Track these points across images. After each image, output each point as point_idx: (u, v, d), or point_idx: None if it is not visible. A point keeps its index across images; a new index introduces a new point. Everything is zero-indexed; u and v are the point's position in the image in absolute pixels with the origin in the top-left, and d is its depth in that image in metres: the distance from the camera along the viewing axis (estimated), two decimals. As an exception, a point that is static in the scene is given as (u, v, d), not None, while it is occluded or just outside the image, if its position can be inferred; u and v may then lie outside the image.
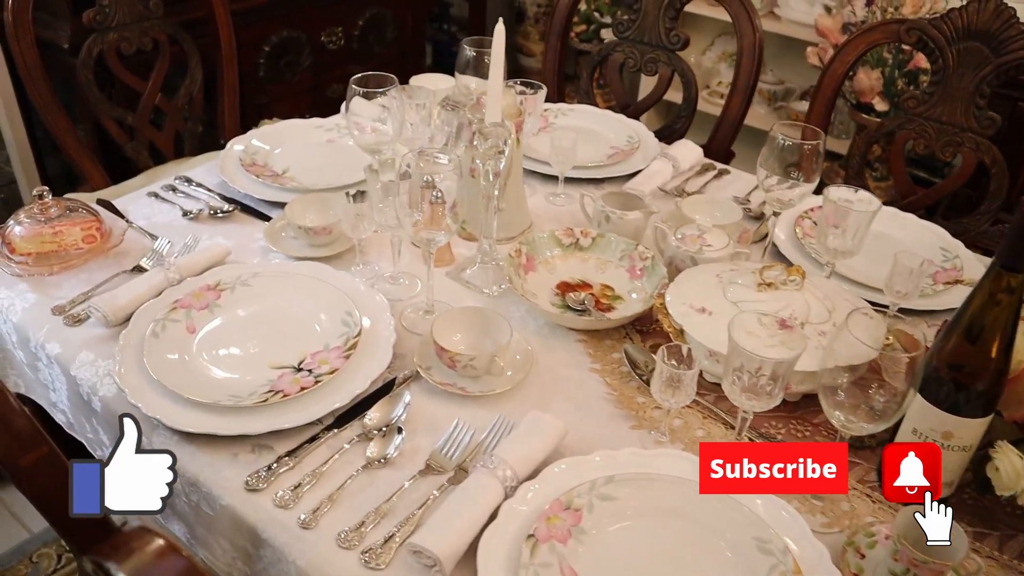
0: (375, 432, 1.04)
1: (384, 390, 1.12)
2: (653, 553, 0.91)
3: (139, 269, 1.32)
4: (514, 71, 3.70)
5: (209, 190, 1.56)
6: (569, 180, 1.64)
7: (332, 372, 1.10)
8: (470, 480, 0.96)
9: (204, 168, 1.64)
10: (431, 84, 1.76)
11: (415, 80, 1.91)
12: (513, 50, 3.68)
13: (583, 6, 3.27)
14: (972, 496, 1.03)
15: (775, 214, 1.41)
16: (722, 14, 2.81)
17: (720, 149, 1.94)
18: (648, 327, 1.29)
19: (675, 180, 1.72)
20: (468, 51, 1.54)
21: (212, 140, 2.13)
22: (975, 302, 0.93)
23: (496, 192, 1.28)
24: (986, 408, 0.95)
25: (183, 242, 1.38)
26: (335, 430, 1.05)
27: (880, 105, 2.56)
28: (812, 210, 1.55)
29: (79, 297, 1.25)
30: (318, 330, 1.19)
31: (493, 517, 0.92)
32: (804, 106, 3.07)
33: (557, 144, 1.57)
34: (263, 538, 0.94)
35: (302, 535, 0.92)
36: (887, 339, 0.97)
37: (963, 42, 1.63)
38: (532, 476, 0.98)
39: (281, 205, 1.50)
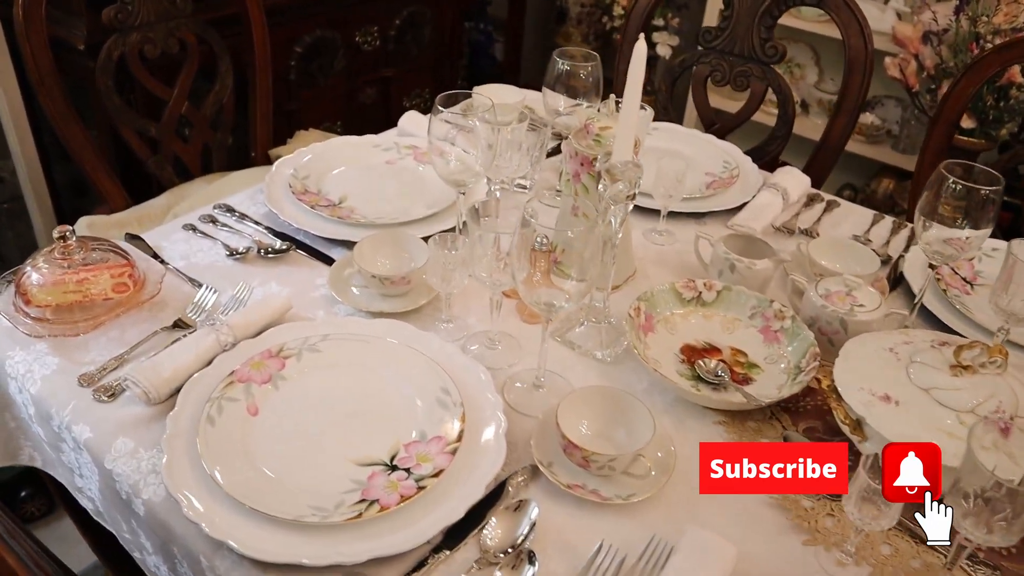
0: (499, 555, 0.83)
1: (494, 494, 0.90)
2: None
3: (181, 324, 1.09)
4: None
5: (256, 222, 1.33)
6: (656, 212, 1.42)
7: (437, 474, 0.88)
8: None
9: (246, 195, 1.42)
10: (496, 97, 1.55)
11: (479, 92, 1.70)
12: (552, 52, 3.45)
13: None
14: None
15: (931, 267, 1.19)
16: (791, 21, 2.60)
17: (820, 177, 1.72)
18: (797, 405, 1.07)
19: (784, 215, 1.51)
20: (561, 64, 1.33)
21: (243, 153, 1.91)
22: None
23: (618, 240, 1.06)
24: None
25: (233, 292, 1.15)
26: (446, 551, 0.83)
27: (967, 123, 2.34)
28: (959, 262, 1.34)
29: (111, 363, 1.03)
30: (409, 412, 0.97)
31: None
32: (870, 118, 2.86)
33: (664, 173, 1.34)
34: None
35: None
36: None
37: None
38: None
39: (342, 242, 1.27)
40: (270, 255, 1.25)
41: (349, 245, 1.26)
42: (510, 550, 0.83)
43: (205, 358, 1.01)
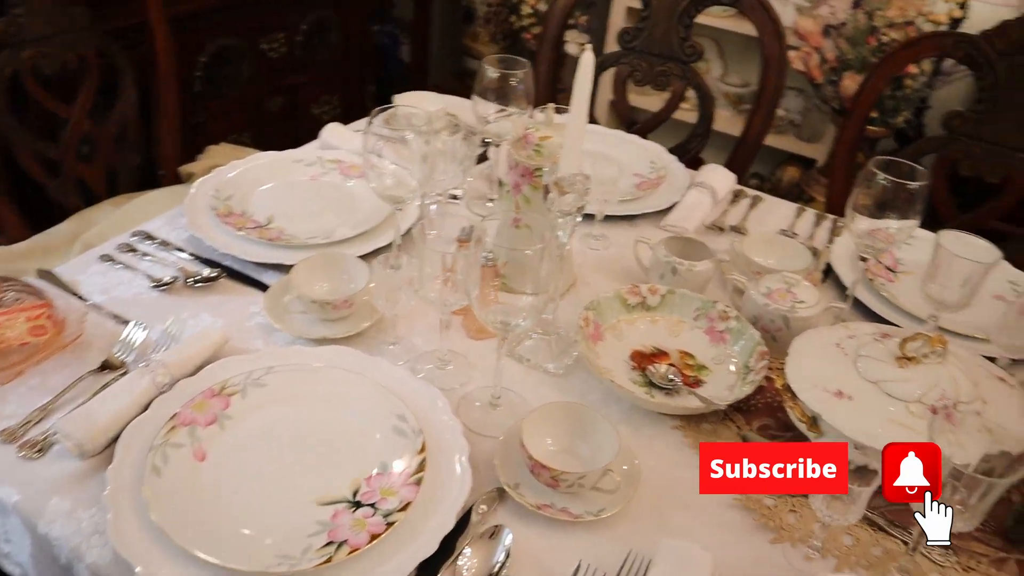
0: (477, 588, 0.80)
1: (461, 521, 0.88)
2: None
3: (110, 366, 1.02)
4: (459, 73, 3.45)
5: (179, 249, 1.26)
6: (591, 216, 1.42)
7: (404, 507, 0.85)
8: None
9: (164, 219, 1.34)
10: (417, 102, 1.52)
11: (401, 101, 1.66)
12: (460, 53, 3.42)
13: (543, 7, 3.05)
14: None
15: (863, 259, 1.23)
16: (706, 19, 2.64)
17: (740, 172, 1.75)
18: (749, 404, 1.09)
19: (713, 213, 1.53)
20: (491, 71, 1.30)
21: (150, 172, 1.81)
22: None
23: (566, 251, 1.05)
24: None
25: (163, 327, 1.08)
26: (420, 588, 0.81)
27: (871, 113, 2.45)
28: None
29: (35, 414, 0.95)
30: (367, 444, 0.93)
31: None
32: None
33: (598, 177, 1.34)
34: None
35: None
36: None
37: (1016, 56, 1.50)
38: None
39: (274, 266, 1.22)
40: (198, 284, 1.18)
41: (281, 268, 1.21)
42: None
43: (141, 402, 0.94)
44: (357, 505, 0.86)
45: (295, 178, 1.45)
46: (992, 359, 1.12)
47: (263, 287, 1.18)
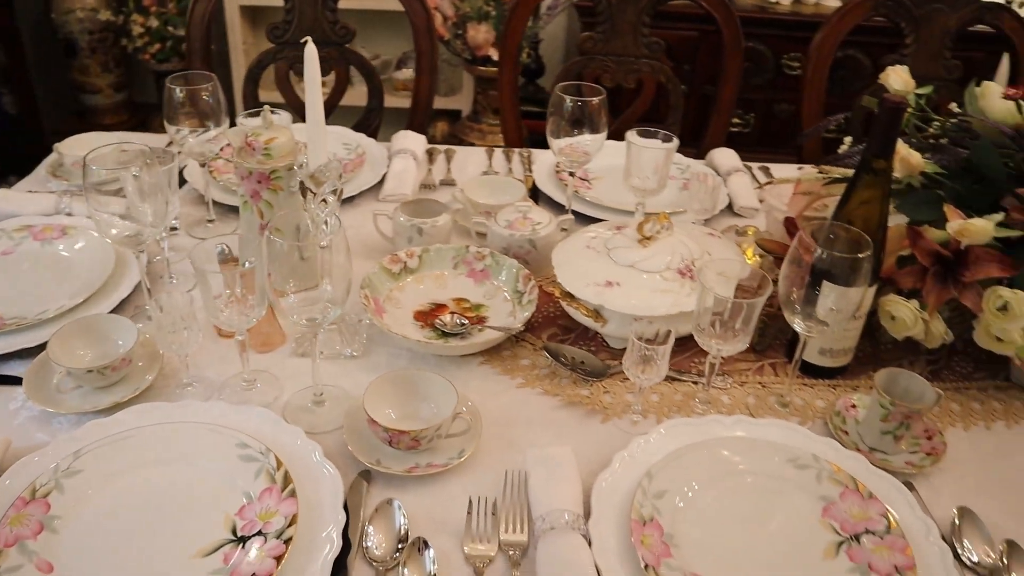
0: (394, 557, 0.84)
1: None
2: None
3: None
4: (81, 112, 3.12)
5: None
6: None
7: (292, 521, 0.85)
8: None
9: None
10: (84, 147, 1.42)
11: (65, 149, 1.52)
12: (74, 90, 3.07)
13: (153, 23, 2.85)
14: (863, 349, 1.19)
15: (571, 175, 1.42)
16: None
17: (421, 130, 1.88)
18: (531, 321, 1.22)
19: (420, 174, 1.64)
20: (178, 92, 1.27)
21: None
22: (857, 186, 1.05)
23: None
24: (874, 277, 1.09)
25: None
26: (340, 584, 0.82)
27: (497, 54, 2.70)
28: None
29: None
30: (221, 482, 0.91)
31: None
32: (407, 73, 3.10)
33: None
34: None
35: None
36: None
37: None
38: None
39: (12, 356, 1.09)
40: (-74, 402, 1.02)
41: (22, 355, 1.08)
42: (400, 547, 0.85)
43: (-61, 543, 0.81)
44: (242, 540, 0.84)
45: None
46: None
47: (13, 380, 1.05)
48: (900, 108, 1.01)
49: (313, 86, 1.00)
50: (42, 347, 1.06)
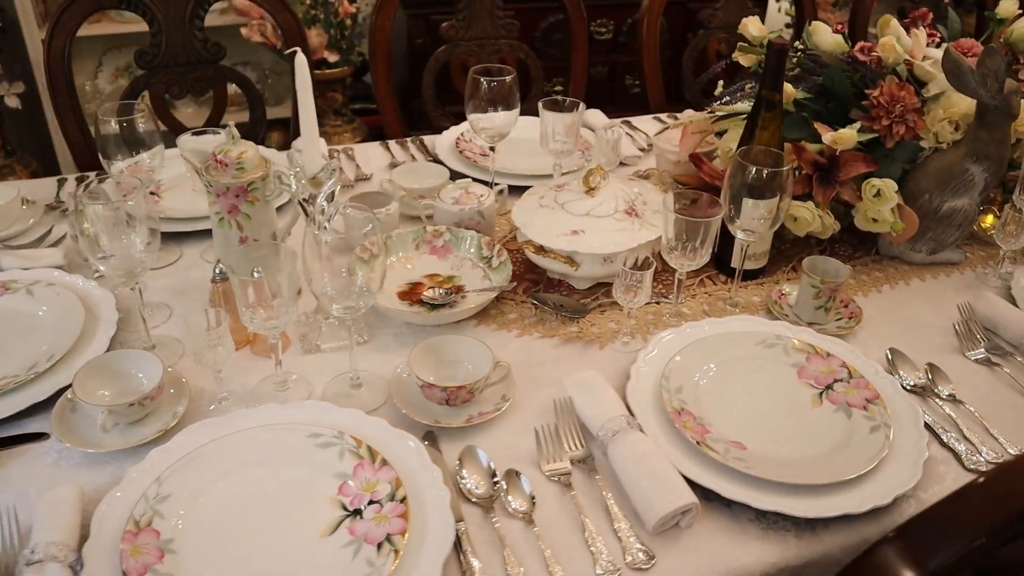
0: (493, 488, 0.96)
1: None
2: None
3: (-36, 600, 0.84)
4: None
5: None
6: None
7: (398, 485, 0.93)
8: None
9: None
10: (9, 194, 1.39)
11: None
12: None
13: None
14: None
15: (491, 149, 1.55)
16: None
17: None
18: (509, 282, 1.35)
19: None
20: (114, 124, 1.26)
21: None
22: (758, 118, 1.28)
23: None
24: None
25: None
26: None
27: (332, 56, 2.74)
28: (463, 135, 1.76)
29: None
30: (313, 472, 0.97)
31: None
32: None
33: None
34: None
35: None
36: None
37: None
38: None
39: (18, 416, 1.06)
40: (-45, 477, 0.98)
41: (30, 414, 1.06)
42: (495, 479, 0.97)
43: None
44: (357, 513, 0.92)
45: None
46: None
47: (38, 436, 1.03)
48: (785, 49, 1.24)
49: (305, 93, 1.06)
50: (51, 399, 1.06)
